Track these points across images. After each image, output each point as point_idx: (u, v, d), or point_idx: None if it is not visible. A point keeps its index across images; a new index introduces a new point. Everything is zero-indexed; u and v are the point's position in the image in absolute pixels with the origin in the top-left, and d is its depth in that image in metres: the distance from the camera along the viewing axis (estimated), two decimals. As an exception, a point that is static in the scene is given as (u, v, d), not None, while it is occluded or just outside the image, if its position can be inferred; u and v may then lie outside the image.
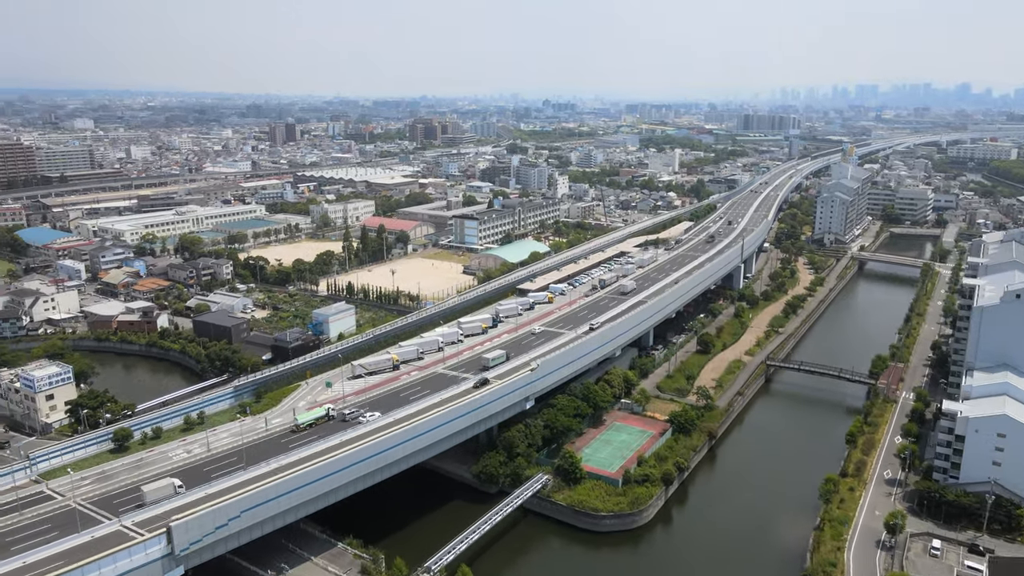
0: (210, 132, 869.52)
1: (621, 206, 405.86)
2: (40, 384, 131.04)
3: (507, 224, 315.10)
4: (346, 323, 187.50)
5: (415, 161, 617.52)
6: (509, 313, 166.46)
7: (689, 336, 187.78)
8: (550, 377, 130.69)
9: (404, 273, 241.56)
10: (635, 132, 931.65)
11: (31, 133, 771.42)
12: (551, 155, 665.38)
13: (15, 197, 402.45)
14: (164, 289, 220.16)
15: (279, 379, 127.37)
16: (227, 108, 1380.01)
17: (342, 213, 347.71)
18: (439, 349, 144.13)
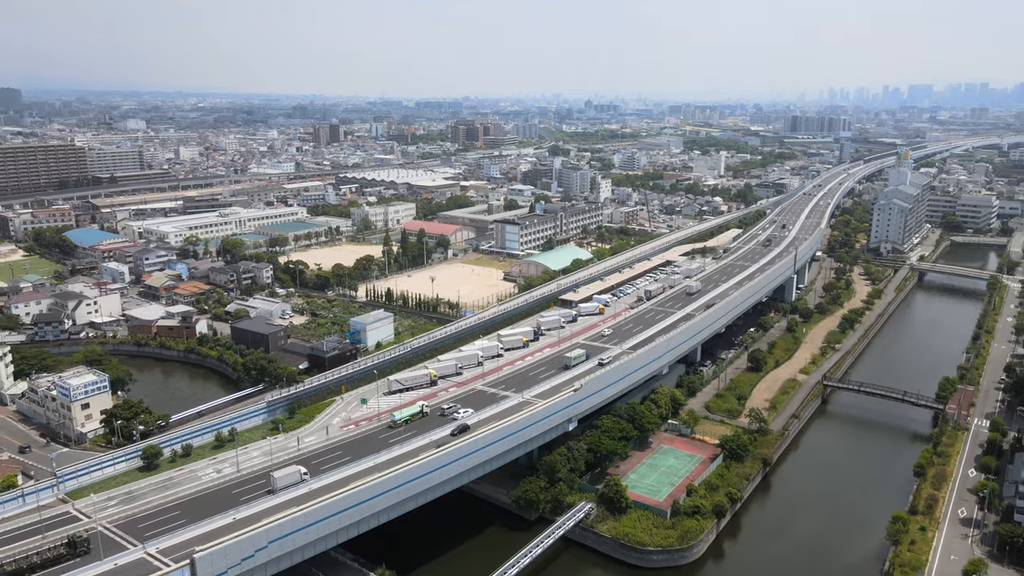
0: (256, 133, 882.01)
1: (665, 211, 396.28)
2: (76, 393, 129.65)
3: (549, 229, 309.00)
4: (384, 332, 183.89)
5: (456, 163, 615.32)
6: (551, 325, 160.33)
7: (739, 352, 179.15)
8: (595, 397, 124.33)
9: (444, 279, 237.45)
10: (678, 134, 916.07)
11: (85, 133, 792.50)
12: (593, 157, 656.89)
13: (66, 197, 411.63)
14: (204, 293, 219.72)
15: (313, 394, 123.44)
16: (274, 109, 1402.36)
17: (383, 216, 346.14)
18: (479, 364, 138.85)
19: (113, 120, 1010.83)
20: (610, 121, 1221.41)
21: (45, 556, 78.24)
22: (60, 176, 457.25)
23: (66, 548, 79.58)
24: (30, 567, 77.26)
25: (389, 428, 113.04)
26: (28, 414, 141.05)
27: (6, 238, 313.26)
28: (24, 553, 78.51)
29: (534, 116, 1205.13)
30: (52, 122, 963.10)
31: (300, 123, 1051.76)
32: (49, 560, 78.17)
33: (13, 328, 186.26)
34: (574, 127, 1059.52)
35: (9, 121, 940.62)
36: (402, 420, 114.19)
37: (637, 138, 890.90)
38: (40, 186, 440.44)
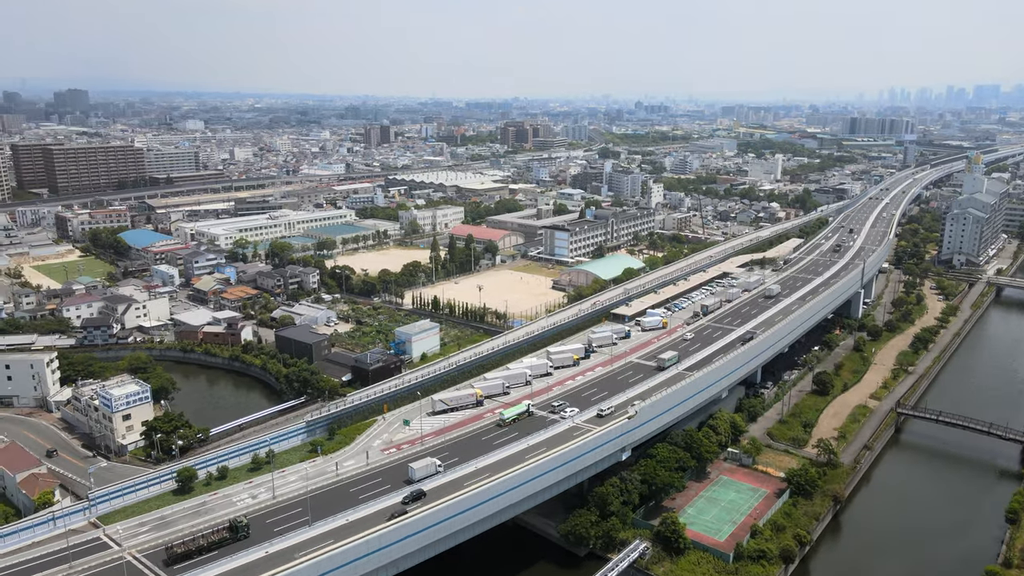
0: (309, 133, 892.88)
1: (719, 217, 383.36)
2: (117, 404, 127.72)
3: (599, 236, 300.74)
4: (429, 343, 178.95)
5: (505, 165, 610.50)
6: (603, 342, 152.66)
7: (802, 372, 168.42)
8: (650, 425, 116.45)
9: (491, 287, 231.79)
10: (732, 136, 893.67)
11: (146, 134, 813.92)
12: (644, 160, 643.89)
13: (124, 198, 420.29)
14: (251, 298, 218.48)
15: (354, 413, 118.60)
16: (327, 109, 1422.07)
17: (431, 220, 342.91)
18: (526, 383, 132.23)
19: (173, 120, 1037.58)
20: (661, 122, 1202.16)
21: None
22: (119, 176, 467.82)
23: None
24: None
25: (498, 427, 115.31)
26: (72, 422, 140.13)
27: (65, 238, 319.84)
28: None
29: (583, 117, 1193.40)
30: (116, 122, 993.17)
31: (352, 124, 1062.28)
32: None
33: (63, 331, 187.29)
34: (624, 128, 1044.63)
35: (75, 121, 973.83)
36: (510, 419, 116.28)
37: (689, 140, 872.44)
38: (100, 186, 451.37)
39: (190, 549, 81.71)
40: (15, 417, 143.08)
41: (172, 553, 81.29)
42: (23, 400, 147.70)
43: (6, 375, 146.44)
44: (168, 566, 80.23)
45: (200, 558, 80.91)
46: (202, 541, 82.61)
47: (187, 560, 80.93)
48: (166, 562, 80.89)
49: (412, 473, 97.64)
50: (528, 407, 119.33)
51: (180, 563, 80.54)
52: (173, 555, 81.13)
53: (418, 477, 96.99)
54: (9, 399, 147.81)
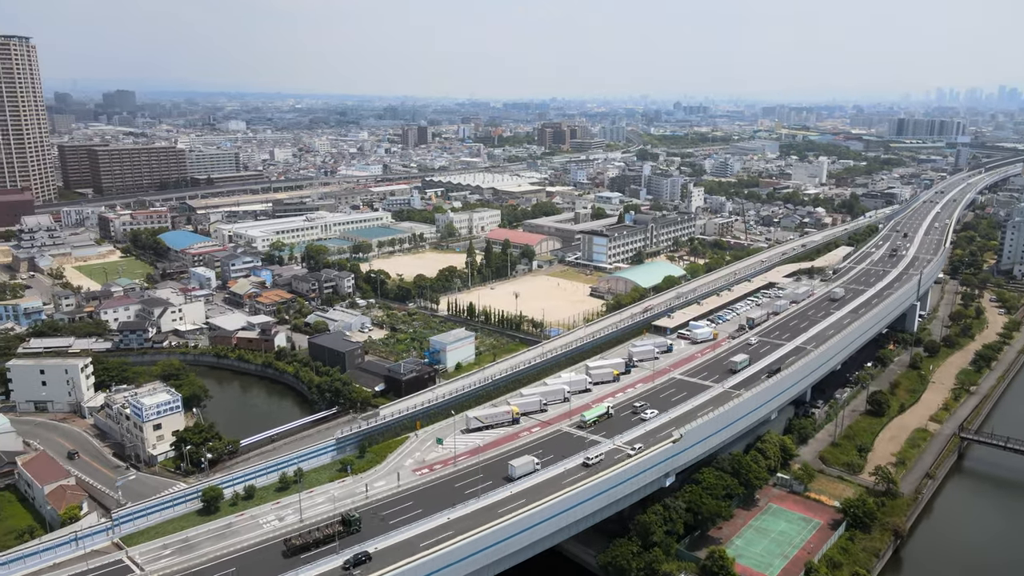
0: (348, 134, 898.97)
1: (762, 222, 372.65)
2: (148, 413, 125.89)
3: (638, 241, 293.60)
4: (464, 352, 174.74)
5: (542, 167, 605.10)
6: (644, 356, 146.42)
7: (855, 391, 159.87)
8: (696, 448, 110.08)
9: (527, 293, 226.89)
10: (773, 138, 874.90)
11: (189, 134, 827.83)
12: (683, 162, 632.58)
13: (165, 198, 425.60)
14: (286, 302, 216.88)
15: (385, 429, 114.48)
16: (366, 110, 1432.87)
17: (467, 223, 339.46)
18: (564, 399, 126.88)
19: (216, 121, 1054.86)
20: (700, 123, 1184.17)
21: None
22: (161, 177, 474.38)
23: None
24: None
25: (579, 428, 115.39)
26: (104, 429, 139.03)
27: (107, 238, 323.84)
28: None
29: (621, 118, 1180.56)
30: (161, 123, 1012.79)
31: (390, 124, 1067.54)
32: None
33: (101, 334, 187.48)
34: (662, 130, 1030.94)
35: (123, 121, 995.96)
36: (591, 420, 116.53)
37: (729, 142, 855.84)
38: (143, 187, 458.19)
39: (307, 542, 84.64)
40: (49, 422, 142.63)
41: (291, 545, 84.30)
42: (57, 405, 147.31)
43: (41, 380, 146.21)
44: (286, 558, 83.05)
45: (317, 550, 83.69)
46: (318, 534, 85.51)
47: (304, 552, 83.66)
48: (284, 554, 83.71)
49: (512, 471, 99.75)
50: (608, 408, 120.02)
51: (298, 554, 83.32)
52: (292, 547, 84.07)
53: (518, 475, 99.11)
54: (44, 404, 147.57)
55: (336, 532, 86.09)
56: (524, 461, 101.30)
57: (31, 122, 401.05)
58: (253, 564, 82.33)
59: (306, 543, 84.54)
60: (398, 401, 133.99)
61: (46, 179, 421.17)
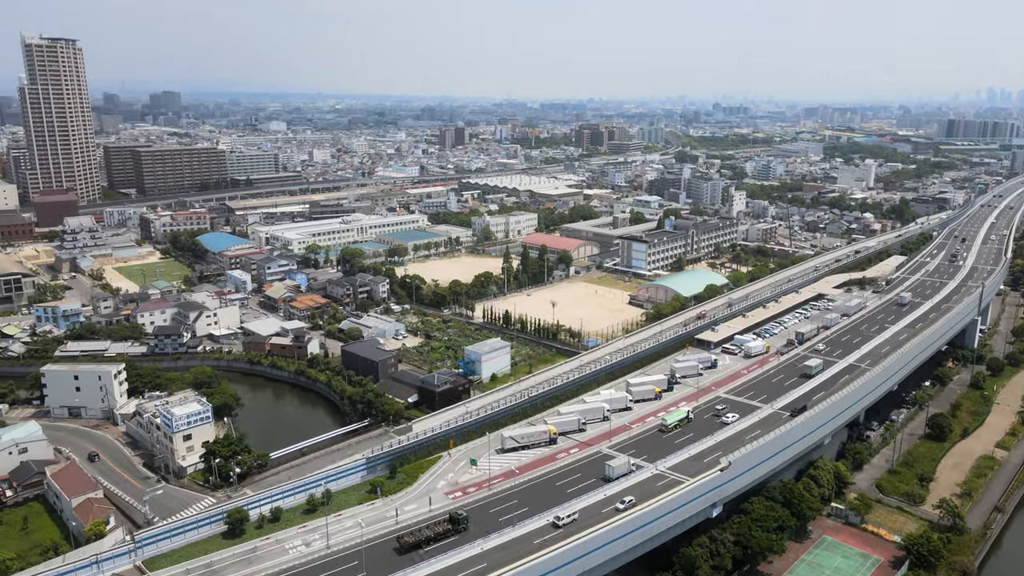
0: (386, 135, 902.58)
1: (807, 228, 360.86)
2: (178, 424, 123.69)
3: (679, 248, 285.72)
4: (500, 363, 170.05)
5: (580, 169, 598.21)
6: (687, 372, 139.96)
7: (912, 412, 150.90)
8: (745, 477, 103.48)
9: (564, 300, 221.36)
10: (817, 139, 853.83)
11: (231, 135, 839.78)
12: (723, 165, 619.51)
13: (206, 199, 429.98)
14: (320, 307, 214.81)
15: (418, 448, 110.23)
16: (404, 110, 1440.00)
17: (504, 226, 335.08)
18: (604, 418, 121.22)
19: (258, 121, 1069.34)
20: (740, 124, 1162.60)
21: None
22: (202, 178, 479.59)
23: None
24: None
25: (660, 432, 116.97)
26: (136, 437, 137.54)
27: (148, 239, 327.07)
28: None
29: (659, 119, 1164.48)
30: (205, 123, 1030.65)
31: (427, 125, 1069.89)
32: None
33: (136, 338, 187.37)
34: (701, 131, 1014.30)
35: (168, 122, 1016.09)
36: (672, 424, 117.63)
37: (770, 143, 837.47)
38: (184, 187, 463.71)
39: (419, 539, 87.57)
40: (82, 429, 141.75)
41: (404, 542, 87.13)
42: (91, 411, 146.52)
43: (75, 386, 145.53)
44: (400, 555, 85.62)
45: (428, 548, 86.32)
46: (428, 532, 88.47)
47: (416, 549, 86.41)
48: (397, 551, 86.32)
49: (609, 471, 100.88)
50: (688, 413, 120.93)
51: (410, 552, 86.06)
52: (405, 544, 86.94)
53: (616, 475, 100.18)
54: (78, 410, 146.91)
55: (445, 530, 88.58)
56: (621, 461, 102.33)
57: (77, 123, 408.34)
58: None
59: (418, 541, 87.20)
60: (431, 415, 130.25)
61: (91, 179, 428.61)
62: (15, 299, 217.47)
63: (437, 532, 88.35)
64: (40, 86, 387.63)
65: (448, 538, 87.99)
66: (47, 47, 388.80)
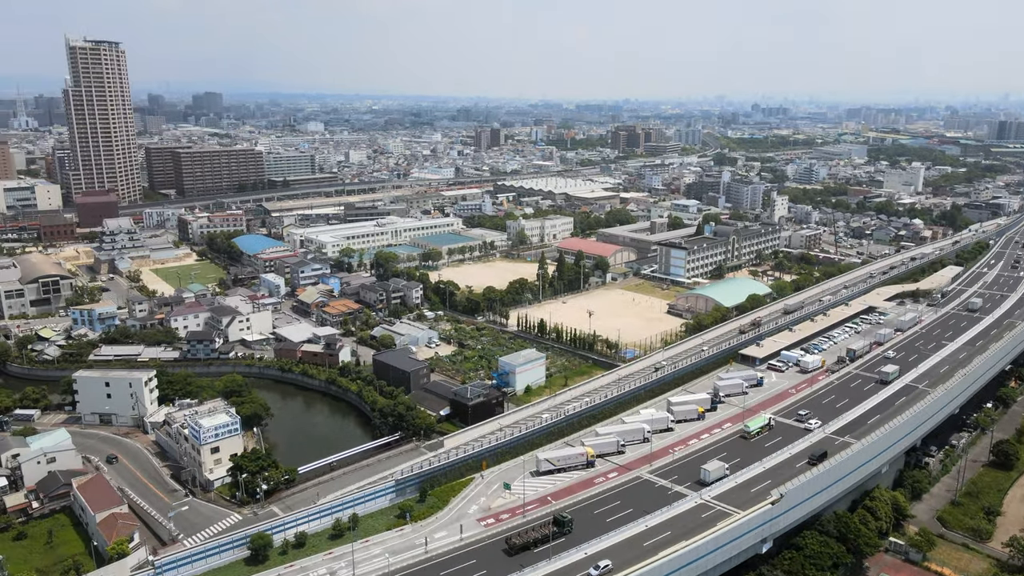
0: (422, 135, 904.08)
1: (853, 234, 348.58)
2: (206, 435, 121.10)
3: (719, 255, 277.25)
4: (534, 374, 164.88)
5: (616, 171, 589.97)
6: (732, 391, 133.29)
7: (974, 436, 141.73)
8: (798, 510, 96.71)
9: (601, 308, 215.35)
10: (860, 141, 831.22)
11: (270, 135, 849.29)
12: (763, 167, 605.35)
13: (243, 200, 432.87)
14: (353, 313, 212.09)
15: (449, 470, 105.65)
16: (440, 111, 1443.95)
17: (539, 231, 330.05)
18: (644, 440, 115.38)
19: (296, 122, 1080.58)
20: (780, 126, 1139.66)
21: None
22: (240, 179, 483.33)
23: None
24: None
25: (742, 439, 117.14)
26: (165, 447, 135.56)
27: (185, 240, 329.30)
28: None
29: (697, 120, 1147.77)
30: (245, 124, 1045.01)
31: (463, 126, 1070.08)
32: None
33: (170, 342, 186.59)
34: (740, 132, 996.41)
35: (209, 123, 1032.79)
36: (754, 432, 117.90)
37: (812, 145, 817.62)
38: (222, 189, 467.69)
39: (527, 541, 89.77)
40: (112, 437, 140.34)
41: (512, 544, 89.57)
42: (121, 419, 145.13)
43: (106, 392, 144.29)
44: (509, 556, 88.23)
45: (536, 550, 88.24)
46: (535, 534, 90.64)
47: (524, 551, 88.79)
48: (506, 552, 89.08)
49: (705, 475, 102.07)
50: (770, 419, 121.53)
51: (519, 553, 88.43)
52: (513, 545, 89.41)
53: (711, 479, 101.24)
54: (108, 416, 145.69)
55: (551, 532, 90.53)
56: (716, 466, 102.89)
57: (119, 124, 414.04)
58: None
59: (525, 543, 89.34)
60: (464, 430, 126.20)
61: (132, 180, 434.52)
62: (53, 301, 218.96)
63: (544, 534, 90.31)
64: (83, 88, 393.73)
65: (553, 540, 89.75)
66: (90, 49, 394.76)
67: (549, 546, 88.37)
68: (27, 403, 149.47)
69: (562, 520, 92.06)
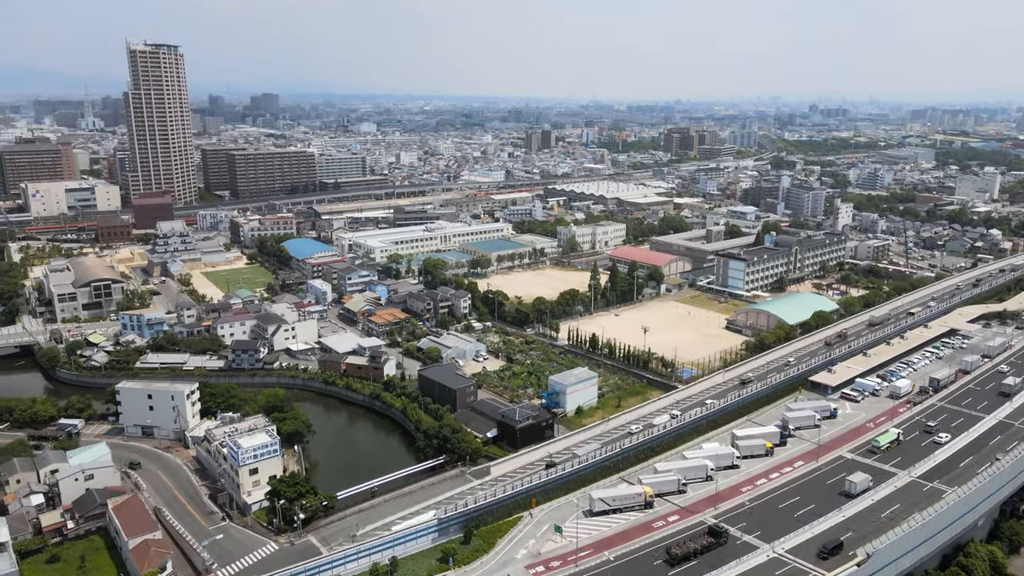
0: (472, 137, 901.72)
1: (924, 245, 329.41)
2: (244, 456, 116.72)
3: (780, 266, 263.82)
4: (586, 395, 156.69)
5: (669, 175, 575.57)
6: (803, 423, 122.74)
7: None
8: (887, 571, 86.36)
9: (655, 322, 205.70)
10: (927, 144, 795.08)
11: (323, 136, 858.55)
12: (823, 172, 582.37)
13: (294, 202, 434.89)
14: (399, 323, 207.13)
15: (496, 508, 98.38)
16: (491, 112, 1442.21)
17: (590, 237, 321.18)
18: (707, 478, 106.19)
19: (350, 123, 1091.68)
20: (839, 127, 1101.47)
21: None
22: (292, 181, 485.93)
23: None
24: None
25: (871, 453, 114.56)
26: (204, 463, 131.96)
27: (237, 243, 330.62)
28: None
29: (752, 122, 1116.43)
30: (300, 124, 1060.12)
31: (513, 127, 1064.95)
32: None
33: (215, 351, 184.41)
34: (797, 134, 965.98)
35: (266, 123, 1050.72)
36: (884, 446, 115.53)
37: (874, 148, 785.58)
38: (274, 190, 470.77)
39: (687, 551, 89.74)
40: (153, 451, 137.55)
41: (672, 554, 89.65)
42: (163, 432, 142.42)
43: (148, 405, 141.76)
44: (671, 566, 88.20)
45: None
46: (694, 544, 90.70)
47: (686, 562, 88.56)
48: (667, 562, 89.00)
49: (851, 487, 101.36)
50: (899, 434, 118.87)
51: (681, 564, 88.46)
52: (674, 556, 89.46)
53: (857, 491, 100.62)
54: (151, 429, 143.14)
55: (710, 543, 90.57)
56: (862, 478, 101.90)
57: (176, 127, 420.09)
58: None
59: (686, 553, 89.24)
60: (511, 456, 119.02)
61: (188, 182, 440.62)
62: (104, 305, 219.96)
63: (703, 544, 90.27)
64: (143, 91, 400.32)
65: (710, 550, 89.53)
66: (150, 53, 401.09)
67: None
68: (72, 412, 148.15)
69: (718, 531, 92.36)
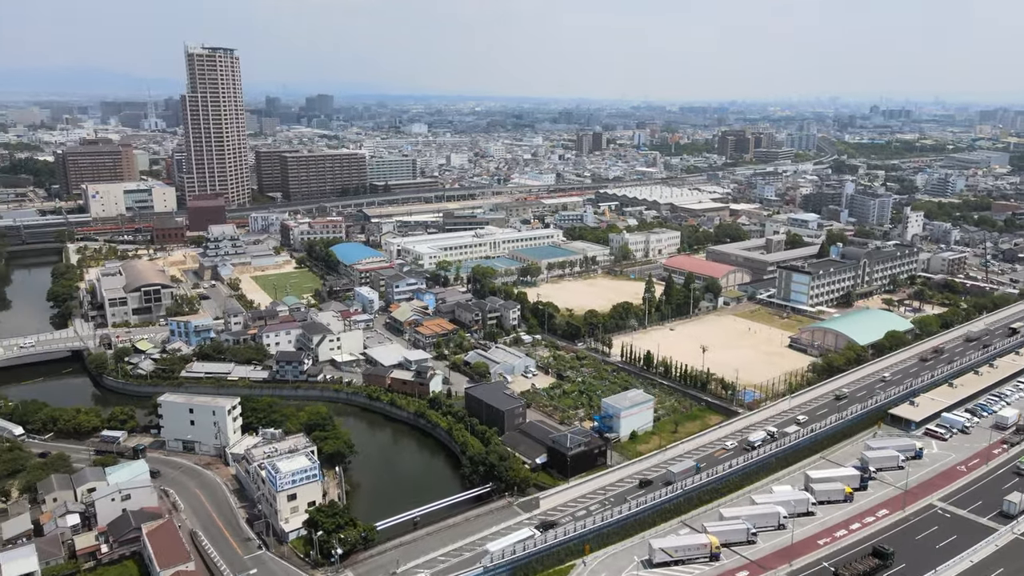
0: (523, 138, 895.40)
1: (1003, 257, 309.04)
2: (283, 481, 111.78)
3: (847, 280, 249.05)
4: (642, 419, 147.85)
5: (724, 180, 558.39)
6: (885, 464, 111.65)
7: None
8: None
9: (712, 338, 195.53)
10: (999, 147, 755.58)
11: (375, 137, 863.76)
12: (888, 176, 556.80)
13: (344, 205, 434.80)
14: (447, 334, 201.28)
15: (546, 555, 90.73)
16: (541, 113, 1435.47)
17: (643, 245, 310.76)
18: (779, 526, 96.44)
19: (401, 124, 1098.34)
20: (903, 129, 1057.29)
21: None
22: (343, 183, 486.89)
23: None
24: None
25: (1016, 475, 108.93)
26: (243, 483, 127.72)
27: (286, 246, 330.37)
28: None
29: (810, 123, 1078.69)
30: (353, 125, 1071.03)
31: (564, 128, 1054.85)
32: None
33: (260, 360, 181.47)
34: (858, 137, 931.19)
35: (320, 124, 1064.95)
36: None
37: (942, 152, 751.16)
38: (325, 192, 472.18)
39: (853, 573, 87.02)
40: (192, 467, 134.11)
41: None
42: (204, 447, 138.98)
43: (189, 419, 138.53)
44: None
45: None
46: (859, 567, 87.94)
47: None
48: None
49: (1011, 507, 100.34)
50: None
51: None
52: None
53: (1017, 512, 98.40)
54: (192, 444, 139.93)
55: (876, 566, 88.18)
56: (1020, 497, 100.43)
57: (231, 129, 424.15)
58: None
59: (852, 575, 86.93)
60: (562, 488, 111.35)
61: (242, 184, 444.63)
62: (154, 310, 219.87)
63: (870, 566, 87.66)
64: (199, 93, 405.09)
65: (877, 573, 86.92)
66: (207, 56, 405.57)
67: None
68: (115, 424, 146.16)
69: (883, 552, 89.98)
